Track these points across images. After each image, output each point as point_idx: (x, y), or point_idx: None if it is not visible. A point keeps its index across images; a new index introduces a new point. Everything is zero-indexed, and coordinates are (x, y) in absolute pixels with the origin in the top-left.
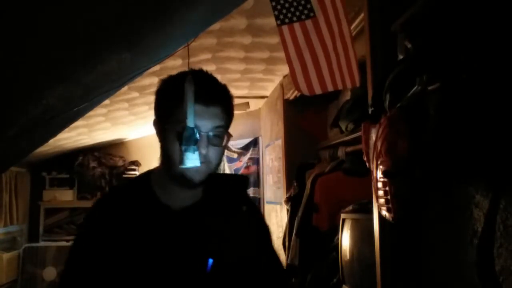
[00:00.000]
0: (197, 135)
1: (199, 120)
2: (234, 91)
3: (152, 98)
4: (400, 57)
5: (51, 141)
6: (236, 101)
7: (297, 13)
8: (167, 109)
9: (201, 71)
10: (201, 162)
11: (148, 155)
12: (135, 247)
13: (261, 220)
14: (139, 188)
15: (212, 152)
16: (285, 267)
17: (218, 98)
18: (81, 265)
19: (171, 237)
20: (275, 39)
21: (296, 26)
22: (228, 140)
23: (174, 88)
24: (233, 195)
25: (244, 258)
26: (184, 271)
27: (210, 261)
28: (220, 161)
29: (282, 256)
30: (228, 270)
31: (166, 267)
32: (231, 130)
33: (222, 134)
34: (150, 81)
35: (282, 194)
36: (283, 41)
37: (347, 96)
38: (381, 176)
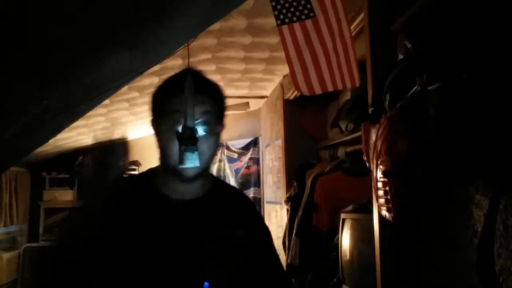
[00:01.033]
0: (197, 135)
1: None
2: (234, 91)
3: None
4: (400, 57)
5: (51, 141)
6: (236, 101)
7: (297, 13)
8: (158, 105)
9: (189, 68)
10: None
11: (148, 155)
12: (130, 236)
13: (260, 222)
14: (140, 181)
15: (202, 142)
16: (285, 268)
17: (199, 84)
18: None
19: (168, 229)
20: (275, 39)
21: (296, 26)
22: (221, 129)
23: (163, 86)
24: (232, 213)
25: (242, 262)
26: (178, 269)
27: (206, 284)
28: (214, 152)
29: (282, 256)
30: (224, 276)
31: (160, 257)
32: (231, 130)
33: (211, 121)
34: (150, 81)
35: (282, 194)
36: (283, 41)
37: (347, 96)
38: (381, 176)
